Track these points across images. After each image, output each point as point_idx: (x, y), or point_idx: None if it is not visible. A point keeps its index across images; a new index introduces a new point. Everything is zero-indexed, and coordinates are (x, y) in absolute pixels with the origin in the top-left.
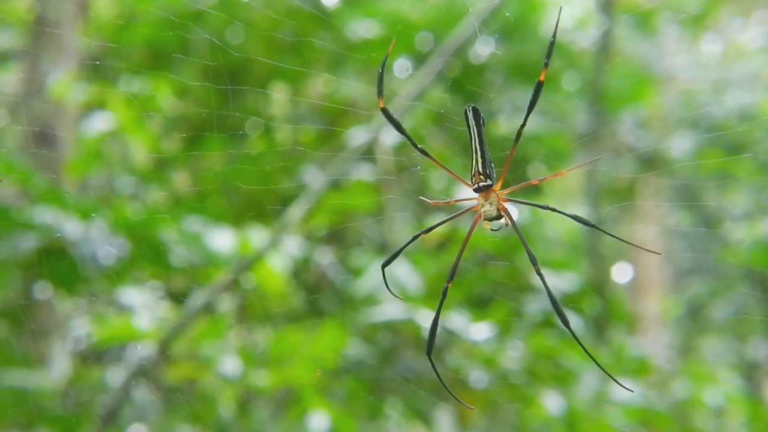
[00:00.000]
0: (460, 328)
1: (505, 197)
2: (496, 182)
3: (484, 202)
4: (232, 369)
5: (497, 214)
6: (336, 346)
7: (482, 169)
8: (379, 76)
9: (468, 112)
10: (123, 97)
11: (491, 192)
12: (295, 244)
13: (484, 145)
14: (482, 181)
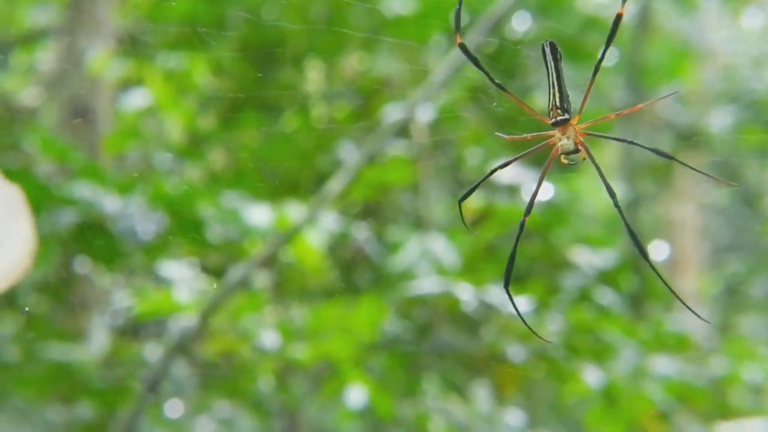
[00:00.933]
0: (498, 301)
1: (582, 131)
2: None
3: (562, 136)
4: (271, 342)
5: (575, 148)
6: (373, 320)
7: (560, 103)
8: (456, 12)
9: (545, 48)
10: (160, 73)
11: (568, 126)
12: (332, 219)
13: (561, 80)
14: (560, 116)
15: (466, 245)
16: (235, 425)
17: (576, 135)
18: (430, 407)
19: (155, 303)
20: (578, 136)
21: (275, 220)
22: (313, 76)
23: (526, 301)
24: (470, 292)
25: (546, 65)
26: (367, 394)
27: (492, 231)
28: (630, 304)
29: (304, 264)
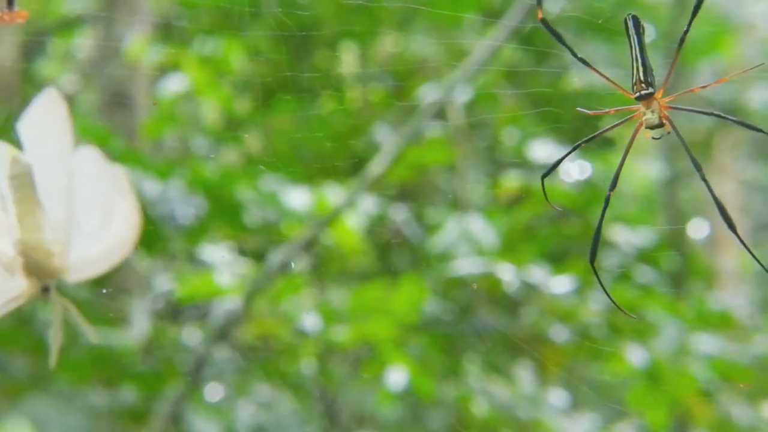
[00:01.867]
0: (539, 281)
1: (666, 105)
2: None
3: (646, 110)
4: (312, 325)
5: (659, 122)
6: (414, 301)
7: (644, 77)
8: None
9: (628, 21)
10: (196, 58)
11: (653, 100)
12: (371, 201)
13: (644, 54)
14: (644, 89)
15: (504, 225)
16: (275, 408)
17: (660, 109)
18: (472, 388)
19: (196, 287)
20: (663, 110)
21: (314, 203)
22: (348, 58)
23: (567, 280)
24: (511, 272)
25: (629, 40)
26: (408, 375)
27: (530, 211)
28: (671, 283)
29: (343, 246)
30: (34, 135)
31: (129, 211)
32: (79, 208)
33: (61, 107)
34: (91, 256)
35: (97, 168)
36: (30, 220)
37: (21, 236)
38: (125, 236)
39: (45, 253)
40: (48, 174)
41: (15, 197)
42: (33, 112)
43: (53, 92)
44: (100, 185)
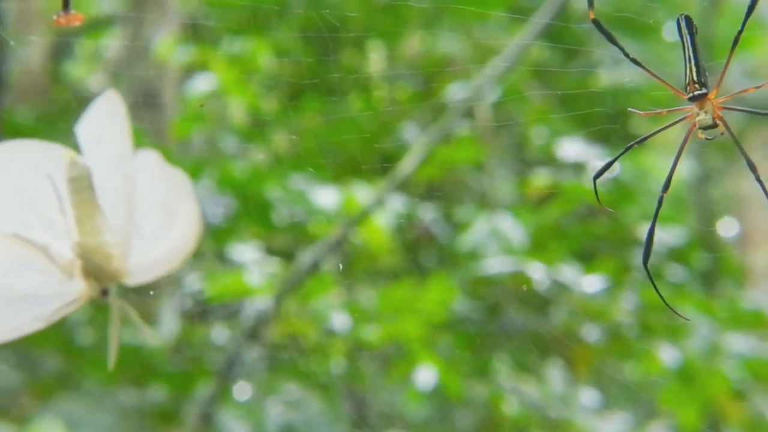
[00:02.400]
0: (570, 280)
1: (720, 105)
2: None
3: (699, 110)
4: (341, 324)
5: (713, 123)
6: (443, 300)
7: (697, 77)
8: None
9: (681, 21)
10: (224, 57)
11: (706, 100)
12: (400, 200)
13: (698, 55)
14: (697, 90)
15: (532, 224)
16: (304, 407)
17: (714, 109)
18: (502, 387)
19: (225, 286)
20: (716, 110)
21: (343, 202)
22: (375, 57)
23: (597, 279)
24: (541, 270)
25: (682, 40)
26: (437, 374)
27: (559, 209)
28: (702, 282)
29: (372, 246)
30: (92, 138)
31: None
32: (139, 212)
33: (120, 110)
34: (150, 260)
35: (157, 171)
36: (89, 223)
37: (80, 239)
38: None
39: (104, 256)
40: (107, 177)
41: (74, 200)
42: (92, 114)
43: (112, 95)
44: (160, 188)
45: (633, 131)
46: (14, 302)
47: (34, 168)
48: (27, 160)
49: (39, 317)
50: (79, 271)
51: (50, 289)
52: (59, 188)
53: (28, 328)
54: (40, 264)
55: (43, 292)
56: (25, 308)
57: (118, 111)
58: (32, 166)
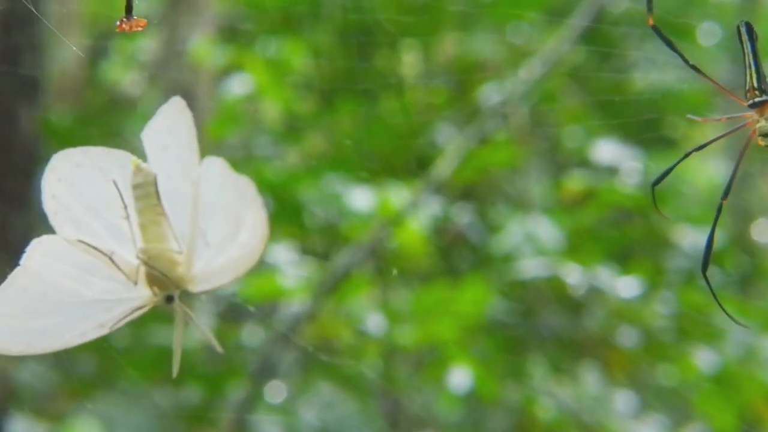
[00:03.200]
0: (606, 283)
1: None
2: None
3: (759, 117)
4: (376, 326)
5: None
6: (478, 303)
7: (757, 84)
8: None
9: (741, 28)
10: (259, 59)
11: (767, 107)
12: (435, 201)
13: (758, 61)
14: (757, 97)
15: (567, 227)
16: (337, 409)
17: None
18: (537, 390)
19: (260, 288)
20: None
21: (378, 203)
22: (409, 58)
23: (634, 282)
24: (578, 274)
25: (742, 47)
26: (471, 377)
27: (595, 212)
28: (738, 285)
29: (408, 248)
30: (158, 144)
31: (256, 222)
32: (204, 219)
33: (186, 116)
34: (216, 267)
35: (223, 178)
36: (154, 230)
37: (144, 246)
38: (252, 247)
39: (169, 263)
40: (173, 183)
41: (138, 207)
42: (157, 120)
43: (179, 101)
44: (227, 195)
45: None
46: (80, 309)
47: (98, 174)
48: (92, 166)
49: (104, 324)
50: (143, 278)
51: (115, 296)
52: (124, 194)
53: (92, 334)
54: (106, 270)
55: (109, 299)
56: (90, 315)
57: (185, 117)
58: (97, 172)
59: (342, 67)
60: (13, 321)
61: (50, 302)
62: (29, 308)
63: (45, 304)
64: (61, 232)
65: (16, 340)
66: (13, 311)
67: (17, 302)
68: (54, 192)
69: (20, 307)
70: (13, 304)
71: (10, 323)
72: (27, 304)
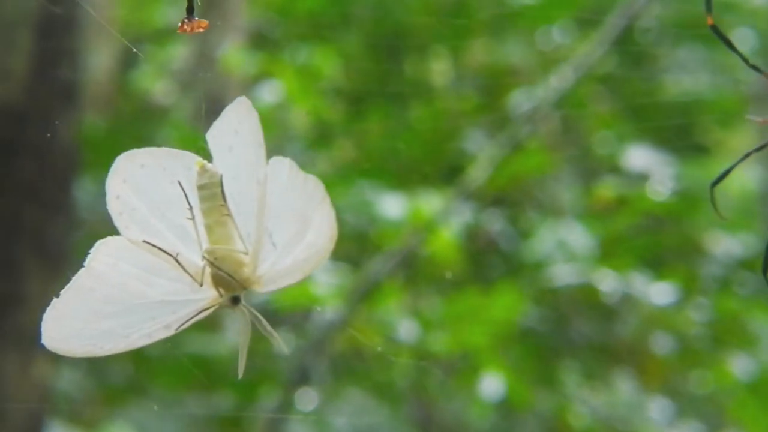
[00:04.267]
0: (640, 290)
1: None
2: None
3: None
4: (407, 333)
5: None
6: (511, 310)
7: None
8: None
9: None
10: (290, 66)
11: None
12: (468, 209)
13: None
14: None
15: (599, 233)
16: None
17: None
18: (570, 397)
19: (293, 295)
20: None
21: (409, 211)
22: (439, 66)
23: (668, 289)
24: (611, 281)
25: None
26: (505, 384)
27: (627, 219)
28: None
29: (439, 255)
30: (223, 144)
31: (324, 222)
32: (271, 219)
33: (253, 116)
34: (283, 268)
35: (290, 178)
36: (220, 230)
37: (210, 247)
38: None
39: (235, 263)
40: (239, 184)
41: (204, 208)
42: (223, 121)
43: (245, 101)
44: (294, 195)
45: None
46: (146, 310)
47: (163, 175)
48: (156, 167)
49: (170, 325)
50: (209, 279)
51: (181, 297)
52: (189, 195)
53: (158, 335)
54: (171, 272)
55: (174, 300)
56: (156, 316)
57: (251, 117)
58: (162, 173)
59: (372, 73)
60: (78, 323)
61: (116, 303)
62: (95, 310)
63: (111, 306)
64: (126, 233)
65: (82, 342)
66: (77, 313)
67: (82, 304)
68: (118, 193)
69: (85, 309)
70: (78, 306)
71: (75, 325)
72: (92, 306)
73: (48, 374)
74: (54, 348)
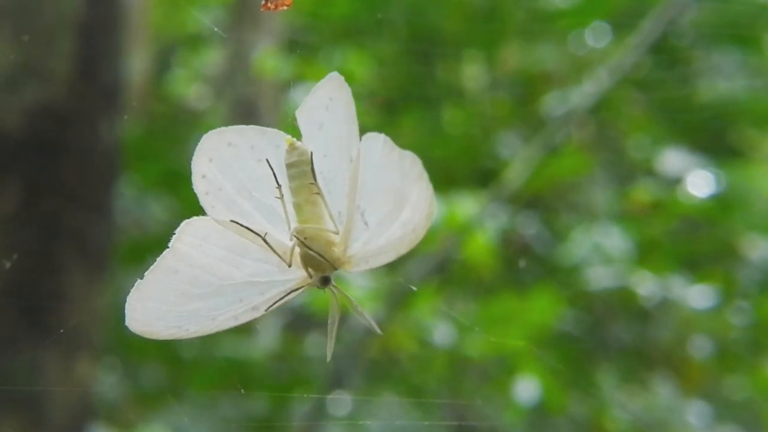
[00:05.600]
0: (678, 294)
1: None
2: None
3: None
4: (443, 336)
5: None
6: (547, 313)
7: None
8: None
9: None
10: (323, 70)
11: None
12: (504, 212)
13: None
14: None
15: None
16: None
17: None
18: (607, 401)
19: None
20: None
21: (445, 215)
22: (472, 70)
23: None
24: (651, 285)
25: None
26: (540, 387)
27: (664, 223)
28: None
29: (474, 259)
30: (314, 121)
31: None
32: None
33: (345, 92)
34: (375, 247)
35: (385, 154)
36: (309, 209)
37: (299, 226)
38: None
39: (325, 243)
40: (329, 162)
41: (293, 186)
42: (313, 98)
43: (336, 76)
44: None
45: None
46: (233, 291)
47: (251, 153)
48: (244, 145)
49: (257, 306)
50: (298, 259)
51: (269, 278)
52: (278, 174)
53: (245, 317)
54: (258, 252)
55: (262, 281)
56: (243, 297)
57: (343, 93)
58: (249, 152)
59: (405, 77)
60: (163, 305)
61: (202, 285)
62: (180, 291)
63: (197, 287)
64: (212, 212)
65: (167, 324)
66: (162, 295)
67: (167, 286)
68: (204, 172)
69: (170, 291)
70: (163, 287)
71: (160, 307)
72: (178, 288)
73: (90, 374)
74: (138, 330)
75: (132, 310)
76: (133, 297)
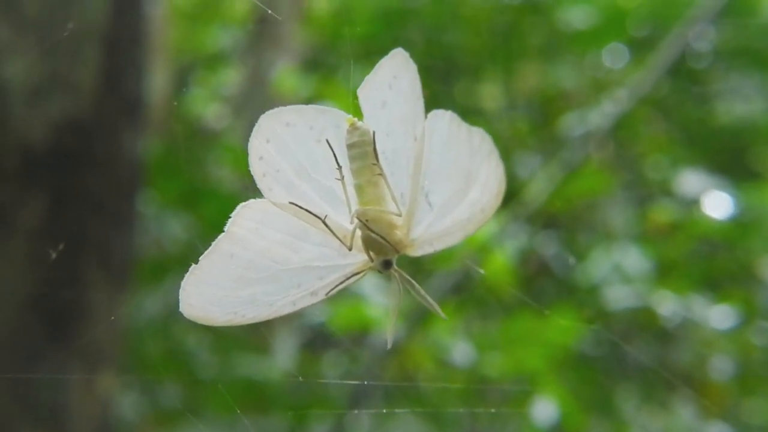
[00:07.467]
0: (699, 314)
1: None
2: None
3: None
4: (462, 356)
5: None
6: (567, 333)
7: None
8: None
9: None
10: (342, 89)
11: None
12: (523, 232)
13: None
14: None
15: (654, 257)
16: None
17: None
18: (627, 422)
19: (348, 317)
20: None
21: None
22: (490, 90)
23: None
24: (672, 305)
25: None
26: (559, 408)
27: (682, 244)
28: None
29: (494, 278)
30: (376, 100)
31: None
32: (428, 177)
33: (410, 69)
34: (440, 229)
35: (452, 133)
36: (371, 191)
37: (361, 209)
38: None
39: (387, 226)
40: (392, 141)
41: (354, 167)
42: (376, 76)
43: (401, 52)
44: (456, 151)
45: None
46: (291, 276)
47: (310, 134)
48: (303, 126)
49: (316, 292)
50: (359, 243)
51: (328, 262)
52: (338, 155)
53: (303, 302)
54: (317, 235)
55: (321, 265)
56: (301, 282)
57: (408, 70)
58: (308, 132)
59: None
60: (219, 290)
61: (259, 269)
62: (236, 276)
63: (253, 272)
64: (270, 195)
65: (223, 309)
66: (218, 280)
67: (223, 270)
68: (261, 153)
69: (226, 275)
70: (219, 272)
71: (216, 292)
72: (234, 272)
73: (111, 389)
74: (193, 316)
75: (187, 296)
76: (189, 282)
